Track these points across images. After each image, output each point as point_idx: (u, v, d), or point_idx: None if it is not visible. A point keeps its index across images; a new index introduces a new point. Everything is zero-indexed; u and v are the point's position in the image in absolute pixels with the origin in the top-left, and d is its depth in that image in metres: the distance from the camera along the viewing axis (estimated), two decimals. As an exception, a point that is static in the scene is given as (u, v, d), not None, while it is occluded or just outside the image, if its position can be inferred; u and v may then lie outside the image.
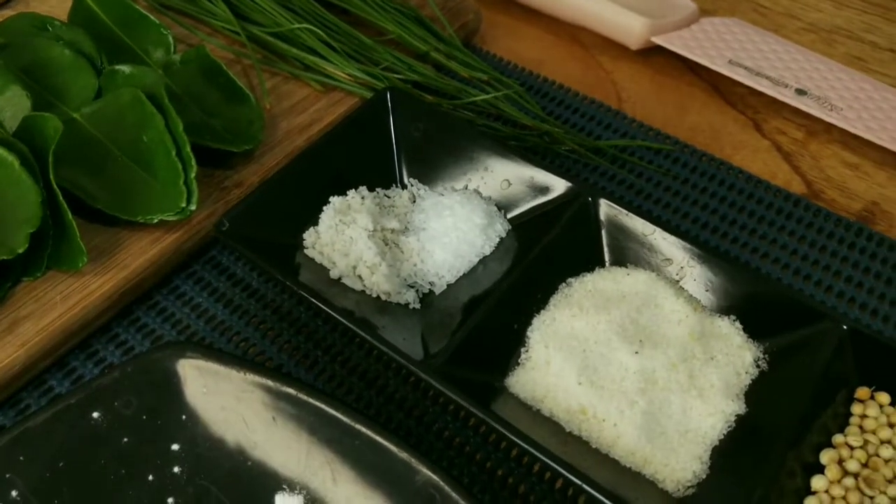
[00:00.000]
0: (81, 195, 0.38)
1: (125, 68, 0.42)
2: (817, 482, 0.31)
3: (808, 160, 0.48)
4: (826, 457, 0.31)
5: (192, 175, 0.38)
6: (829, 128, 0.49)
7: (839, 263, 0.42)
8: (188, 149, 0.39)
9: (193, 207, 0.38)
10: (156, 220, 0.38)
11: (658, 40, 0.52)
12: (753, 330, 0.35)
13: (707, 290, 0.36)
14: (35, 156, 0.37)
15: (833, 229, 0.43)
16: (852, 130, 0.48)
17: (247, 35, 0.47)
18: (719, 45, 0.53)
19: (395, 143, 0.43)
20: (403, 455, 0.31)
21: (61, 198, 0.37)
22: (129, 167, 0.40)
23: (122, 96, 0.41)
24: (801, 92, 0.50)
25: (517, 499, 0.33)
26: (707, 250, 0.36)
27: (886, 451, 0.31)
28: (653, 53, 0.53)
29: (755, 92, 0.51)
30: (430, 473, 0.30)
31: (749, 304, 0.35)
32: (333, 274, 0.37)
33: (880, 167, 0.47)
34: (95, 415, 0.32)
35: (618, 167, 0.46)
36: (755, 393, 0.34)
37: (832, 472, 0.31)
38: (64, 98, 0.42)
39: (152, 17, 0.46)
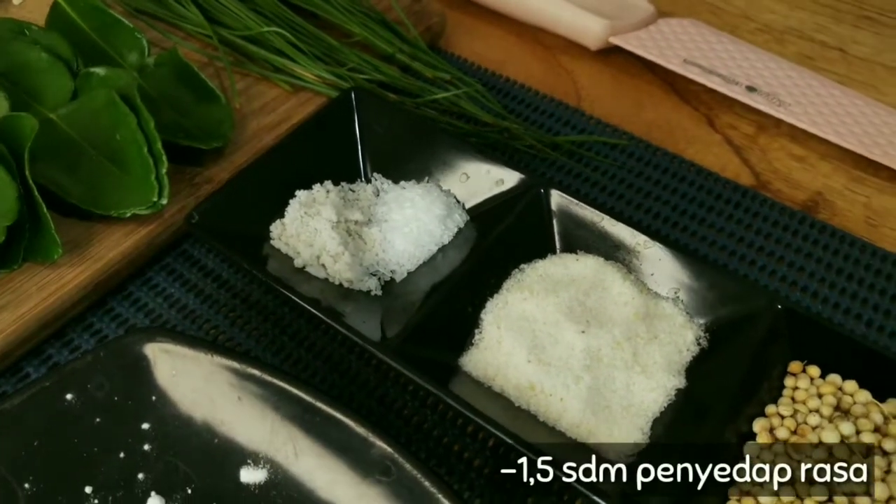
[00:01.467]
0: (57, 191, 0.40)
1: (100, 70, 0.44)
2: (749, 448, 0.33)
3: (757, 153, 0.50)
4: (758, 425, 0.33)
5: (164, 170, 0.40)
6: (778, 122, 0.51)
7: (783, 249, 0.44)
8: (159, 146, 0.40)
9: (165, 201, 0.40)
10: (129, 214, 0.40)
11: (616, 41, 0.54)
12: (696, 310, 0.37)
13: (652, 274, 0.38)
14: (12, 154, 0.39)
15: (778, 218, 0.45)
16: (799, 125, 0.50)
17: (218, 38, 0.49)
18: (675, 46, 0.55)
19: (359, 140, 0.44)
20: (361, 430, 0.32)
21: (37, 193, 0.38)
22: (103, 164, 0.41)
23: (97, 97, 0.42)
24: (751, 89, 0.52)
25: (472, 471, 0.35)
26: (652, 236, 0.38)
27: (814, 419, 0.33)
28: (612, 53, 0.55)
29: (709, 89, 0.53)
30: (385, 446, 0.32)
31: (692, 286, 0.37)
32: (298, 263, 0.39)
33: (825, 159, 0.49)
34: (69, 396, 0.34)
35: (575, 161, 0.48)
36: (696, 368, 0.36)
37: (763, 438, 0.33)
38: (41, 99, 0.44)
39: (127, 22, 0.47)
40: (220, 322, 0.40)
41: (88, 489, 0.33)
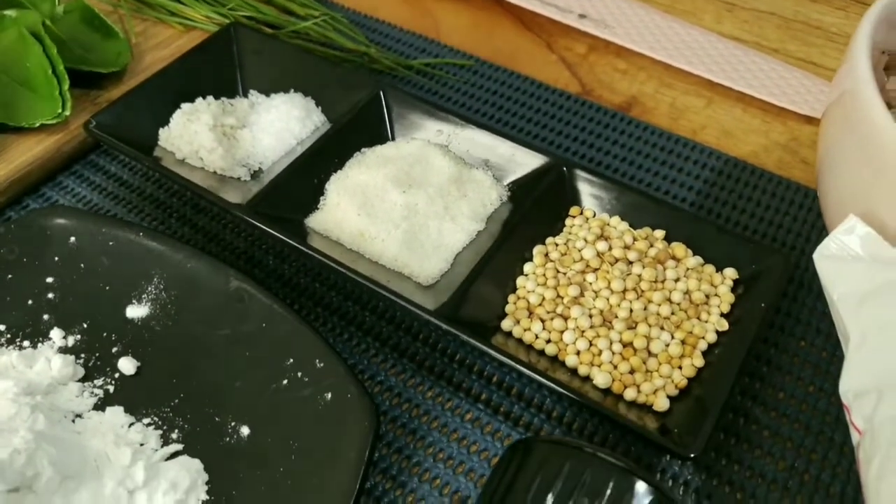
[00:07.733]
0: (-24, 109, 0.48)
1: (11, 13, 0.52)
2: (527, 267, 0.41)
3: (587, 68, 0.59)
4: (535, 250, 0.42)
5: (66, 87, 0.48)
6: (608, 44, 0.60)
7: (594, 139, 0.52)
8: (62, 67, 0.49)
9: (68, 113, 0.48)
10: (37, 124, 0.48)
11: (471, -17, 0.63)
12: (500, 175, 0.46)
13: (468, 150, 0.47)
14: (-63, 79, 0.47)
15: (595, 115, 0.54)
16: (620, 43, 0.59)
17: (120, -11, 0.57)
18: (522, -15, 0.64)
19: (238, 65, 0.53)
20: (221, 270, 0.41)
21: (-42, 107, 0.46)
22: (17, 88, 0.49)
23: (9, 34, 0.50)
24: (582, 16, 0.61)
25: (319, 306, 0.43)
26: (467, 119, 0.47)
27: (579, 243, 0.41)
28: (470, -5, 0.64)
29: (551, 20, 0.62)
30: (239, 282, 0.40)
31: (497, 157, 0.46)
32: (178, 156, 0.47)
33: (642, 70, 0.58)
34: (-15, 260, 0.42)
35: (427, 80, 0.56)
36: (497, 217, 0.44)
37: (538, 259, 0.41)
38: (-37, 41, 0.52)
39: (39, -23, 0.56)
40: (119, 211, 0.48)
41: (2, 327, 0.41)
